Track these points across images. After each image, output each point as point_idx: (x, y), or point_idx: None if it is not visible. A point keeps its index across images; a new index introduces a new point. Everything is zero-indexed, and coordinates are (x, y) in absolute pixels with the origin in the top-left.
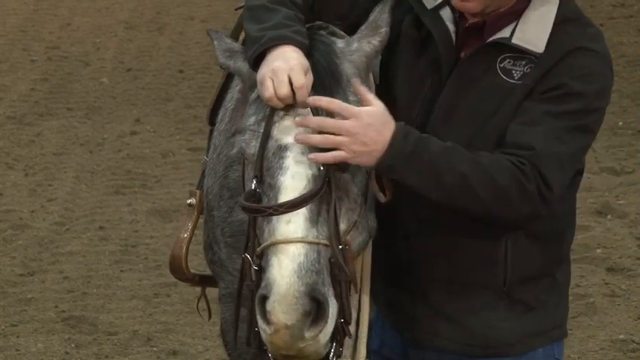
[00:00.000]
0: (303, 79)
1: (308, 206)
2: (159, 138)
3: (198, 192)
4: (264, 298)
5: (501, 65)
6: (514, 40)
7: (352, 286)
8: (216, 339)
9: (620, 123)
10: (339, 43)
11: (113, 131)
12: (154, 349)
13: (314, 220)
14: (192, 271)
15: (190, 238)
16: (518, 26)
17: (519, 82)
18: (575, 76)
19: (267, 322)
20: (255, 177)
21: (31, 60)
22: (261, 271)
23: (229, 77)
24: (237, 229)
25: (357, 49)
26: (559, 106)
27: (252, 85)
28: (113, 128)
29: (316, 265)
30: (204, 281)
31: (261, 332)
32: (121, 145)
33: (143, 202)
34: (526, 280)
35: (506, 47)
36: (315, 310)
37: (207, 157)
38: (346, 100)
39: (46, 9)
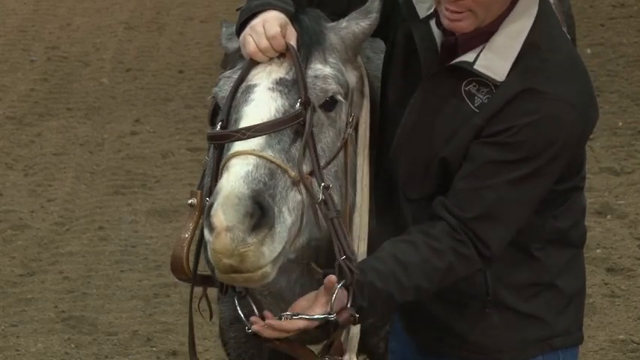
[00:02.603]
0: (276, 28)
1: (272, 134)
2: (158, 138)
3: (199, 192)
4: (211, 206)
5: (466, 89)
6: (476, 66)
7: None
8: (216, 339)
9: (620, 123)
10: (329, 23)
11: (113, 131)
12: (154, 349)
13: (273, 145)
14: None
15: (191, 238)
16: (484, 51)
17: (477, 110)
18: (523, 122)
19: (210, 228)
20: (222, 121)
21: (31, 60)
22: None
23: None
24: None
25: (345, 26)
26: (502, 154)
27: (237, 50)
28: (113, 128)
29: (266, 179)
30: (205, 281)
31: (208, 248)
32: (121, 145)
33: (143, 202)
34: (514, 288)
35: (471, 71)
36: (258, 215)
37: (208, 157)
38: (325, 62)
39: (45, 9)
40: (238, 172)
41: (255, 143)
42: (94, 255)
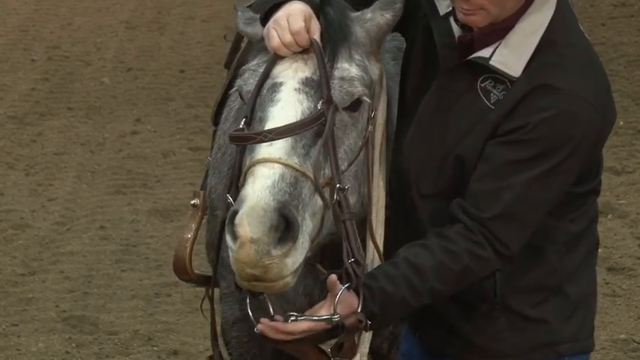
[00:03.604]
0: (300, 23)
1: (297, 137)
2: (159, 138)
3: (201, 193)
4: (235, 214)
5: (482, 85)
6: (492, 62)
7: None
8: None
9: (621, 122)
10: (353, 13)
11: (114, 131)
12: (155, 348)
13: (298, 150)
14: (195, 271)
15: (194, 239)
16: (500, 47)
17: (492, 107)
18: (538, 118)
19: (234, 237)
20: (245, 117)
21: (32, 60)
22: None
23: (234, 77)
24: None
25: (370, 18)
26: (518, 152)
27: (260, 40)
28: (114, 128)
29: (291, 189)
30: (207, 281)
31: (230, 254)
32: (122, 144)
33: (144, 201)
34: (522, 292)
35: (486, 67)
36: (283, 228)
37: (210, 157)
38: (351, 59)
39: (46, 9)
40: (264, 182)
41: (280, 150)
42: (94, 254)
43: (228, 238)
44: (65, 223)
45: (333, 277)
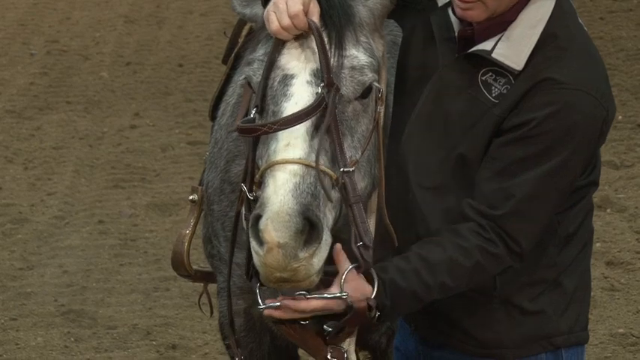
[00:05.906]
0: (298, 7)
1: (308, 131)
2: (158, 132)
3: (200, 188)
4: (259, 218)
5: (483, 78)
6: (494, 55)
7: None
8: (216, 333)
9: (620, 117)
10: None
11: (112, 125)
12: (154, 342)
13: (314, 146)
14: (193, 267)
15: (192, 234)
16: (501, 40)
17: (496, 101)
18: (542, 113)
19: (260, 242)
20: (256, 107)
21: (31, 54)
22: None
23: (231, 72)
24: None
25: None
26: (526, 149)
27: (262, 25)
28: (112, 122)
29: (312, 188)
30: (205, 277)
31: (255, 257)
32: (121, 139)
33: (142, 195)
34: (522, 285)
35: (488, 60)
36: (308, 230)
37: (208, 152)
38: (357, 43)
39: (45, 3)
40: (287, 185)
41: (300, 150)
42: (93, 249)
43: (253, 242)
44: (64, 218)
45: (338, 245)
